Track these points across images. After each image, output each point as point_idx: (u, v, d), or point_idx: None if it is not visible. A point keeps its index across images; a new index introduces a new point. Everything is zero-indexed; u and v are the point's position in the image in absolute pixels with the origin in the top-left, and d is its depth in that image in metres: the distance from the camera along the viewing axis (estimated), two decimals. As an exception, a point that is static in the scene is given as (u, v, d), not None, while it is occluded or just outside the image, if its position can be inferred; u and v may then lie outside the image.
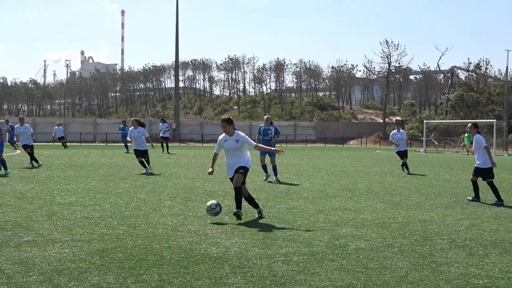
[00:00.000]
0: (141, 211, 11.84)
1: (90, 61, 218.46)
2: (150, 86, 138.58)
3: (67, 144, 49.81)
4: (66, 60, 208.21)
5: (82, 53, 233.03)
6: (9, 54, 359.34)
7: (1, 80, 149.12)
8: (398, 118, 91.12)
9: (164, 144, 40.50)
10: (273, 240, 8.96)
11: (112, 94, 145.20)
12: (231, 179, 11.01)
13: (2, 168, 20.10)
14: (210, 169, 11.43)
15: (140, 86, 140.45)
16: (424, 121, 64.44)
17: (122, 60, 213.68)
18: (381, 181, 19.79)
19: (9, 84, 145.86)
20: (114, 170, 22.59)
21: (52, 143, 56.16)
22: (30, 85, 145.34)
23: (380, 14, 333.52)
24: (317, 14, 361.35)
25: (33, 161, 23.82)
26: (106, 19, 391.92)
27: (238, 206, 10.64)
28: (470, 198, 14.91)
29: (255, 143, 11.02)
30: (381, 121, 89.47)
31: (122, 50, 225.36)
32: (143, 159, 21.31)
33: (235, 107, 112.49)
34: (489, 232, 10.09)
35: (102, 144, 64.30)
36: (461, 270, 7.28)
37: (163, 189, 16.04)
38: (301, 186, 17.65)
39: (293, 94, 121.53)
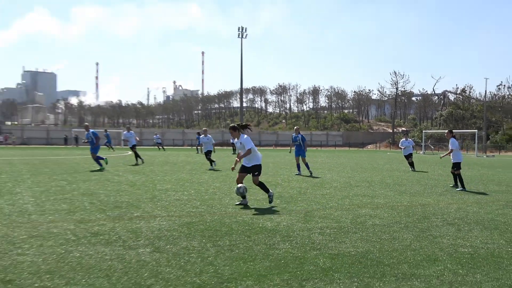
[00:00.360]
0: (216, 195, 11.94)
1: (180, 88, 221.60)
2: (222, 105, 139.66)
3: (164, 147, 50.54)
4: (163, 88, 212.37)
5: (174, 82, 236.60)
6: (123, 83, 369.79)
7: (118, 102, 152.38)
8: (404, 129, 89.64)
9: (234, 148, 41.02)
10: (312, 217, 8.92)
11: (195, 112, 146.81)
12: (243, 166, 10.64)
13: (97, 164, 19.85)
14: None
15: (215, 106, 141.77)
16: (423, 130, 63.50)
17: (203, 87, 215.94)
18: (391, 175, 19.46)
19: (123, 105, 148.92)
20: (197, 166, 22.81)
21: (152, 147, 57.04)
22: (137, 105, 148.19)
23: (390, 51, 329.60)
24: (344, 52, 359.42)
25: (139, 158, 24.17)
26: (192, 58, 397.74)
27: (266, 191, 10.53)
28: (458, 188, 14.57)
29: (250, 148, 10.34)
30: (391, 131, 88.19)
31: (202, 80, 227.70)
32: (210, 157, 21.64)
33: (283, 121, 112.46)
34: (472, 214, 9.82)
35: (188, 147, 64.97)
36: (451, 241, 7.11)
37: (232, 180, 16.12)
38: (332, 178, 17.50)
39: (325, 111, 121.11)
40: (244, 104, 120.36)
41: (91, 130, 20.04)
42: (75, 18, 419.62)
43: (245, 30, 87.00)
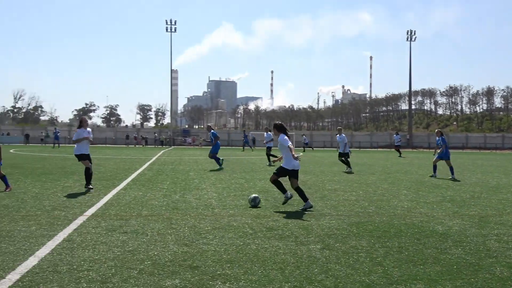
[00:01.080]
0: (384, 197, 11.59)
1: (349, 92, 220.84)
2: (390, 108, 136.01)
3: (305, 148, 51.72)
4: (332, 92, 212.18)
5: (343, 86, 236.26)
6: (296, 89, 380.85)
7: (290, 106, 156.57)
8: None
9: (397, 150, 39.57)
10: (487, 223, 8.18)
11: (363, 115, 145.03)
12: (282, 167, 9.73)
13: (217, 164, 20.88)
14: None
15: (383, 109, 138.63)
16: None
17: (371, 91, 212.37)
18: None
19: (295, 109, 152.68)
20: (364, 168, 22.40)
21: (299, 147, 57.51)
22: (308, 109, 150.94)
23: None
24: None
25: (271, 158, 24.00)
26: (360, 62, 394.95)
27: (283, 192, 9.74)
28: None
29: (289, 145, 9.37)
30: None
31: (370, 84, 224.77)
32: (347, 159, 20.42)
33: (454, 123, 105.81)
34: None
35: (356, 149, 64.19)
36: None
37: (400, 181, 15.54)
38: (509, 183, 15.89)
39: (501, 112, 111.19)
40: (413, 107, 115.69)
41: (212, 131, 21.55)
42: (255, 30, 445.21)
43: (414, 33, 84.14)
